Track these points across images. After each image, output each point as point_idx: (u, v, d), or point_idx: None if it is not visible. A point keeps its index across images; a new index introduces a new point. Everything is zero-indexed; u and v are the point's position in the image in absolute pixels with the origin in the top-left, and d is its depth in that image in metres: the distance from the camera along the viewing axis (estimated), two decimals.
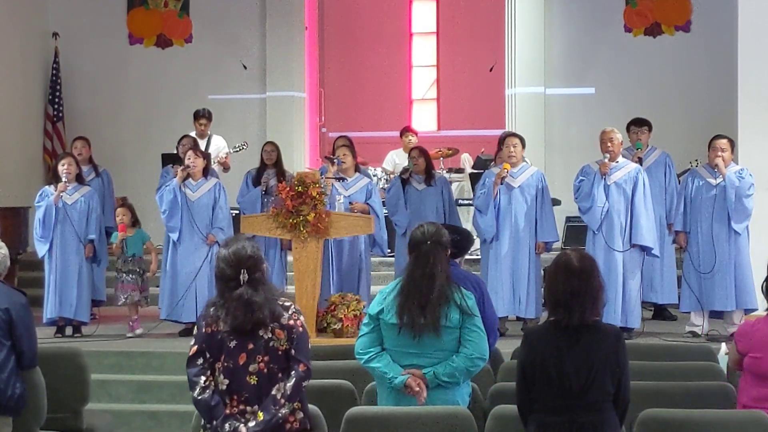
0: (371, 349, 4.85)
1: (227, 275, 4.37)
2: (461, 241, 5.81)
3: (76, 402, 5.81)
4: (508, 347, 6.32)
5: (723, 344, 7.03)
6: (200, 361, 4.36)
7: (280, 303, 4.40)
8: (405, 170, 9.74)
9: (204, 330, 4.38)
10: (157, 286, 9.26)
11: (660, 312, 9.51)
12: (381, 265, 10.99)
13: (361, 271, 9.11)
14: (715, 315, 8.44)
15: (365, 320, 4.95)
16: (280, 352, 4.34)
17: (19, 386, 5.12)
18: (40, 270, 9.24)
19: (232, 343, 4.32)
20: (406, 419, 4.61)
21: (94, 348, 8.09)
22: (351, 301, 8.38)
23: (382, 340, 4.86)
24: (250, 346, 4.32)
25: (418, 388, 4.72)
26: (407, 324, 4.72)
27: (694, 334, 8.39)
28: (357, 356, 4.93)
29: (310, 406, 4.54)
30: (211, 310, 4.39)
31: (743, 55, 9.28)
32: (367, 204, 9.05)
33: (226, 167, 10.59)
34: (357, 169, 9.56)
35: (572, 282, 4.25)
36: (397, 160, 12.08)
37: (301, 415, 4.39)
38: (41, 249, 8.87)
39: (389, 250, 10.86)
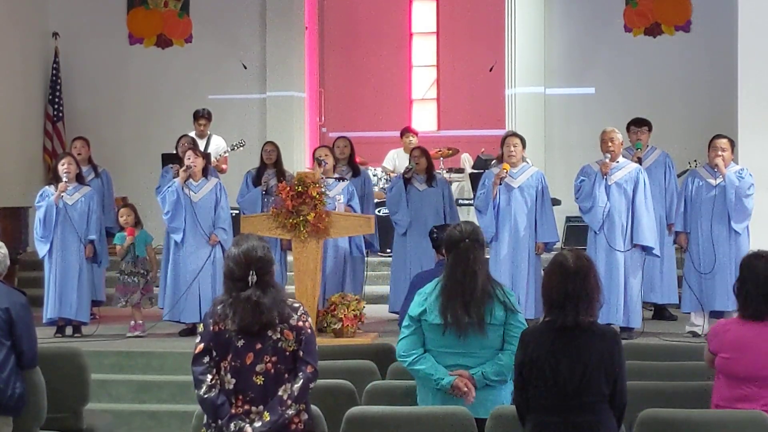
0: (414, 352, 4.83)
1: (236, 275, 4.36)
2: None
3: (76, 402, 5.82)
4: None
5: None
6: (206, 359, 4.35)
7: (289, 304, 4.39)
8: (408, 170, 9.75)
9: (211, 328, 4.36)
10: (158, 286, 9.25)
11: (660, 312, 9.51)
12: (381, 265, 10.99)
13: (345, 272, 9.08)
14: (716, 315, 8.43)
15: (405, 322, 4.92)
16: (287, 353, 4.33)
17: (19, 386, 5.12)
18: (40, 270, 9.24)
19: (240, 342, 4.31)
20: (406, 419, 4.61)
21: (94, 348, 8.09)
22: (351, 301, 8.38)
23: (424, 342, 4.85)
24: (258, 345, 4.31)
25: (466, 389, 4.72)
26: (452, 323, 4.72)
27: (694, 334, 8.39)
28: (399, 359, 4.91)
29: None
30: (219, 308, 4.37)
31: (743, 55, 9.27)
32: (349, 206, 9.01)
33: (221, 171, 10.56)
34: (355, 170, 9.53)
35: (567, 283, 4.25)
36: (397, 159, 12.08)
37: (305, 416, 4.39)
38: (42, 249, 8.86)
39: (389, 250, 10.86)
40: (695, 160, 9.65)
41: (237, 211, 10.02)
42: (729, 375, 4.87)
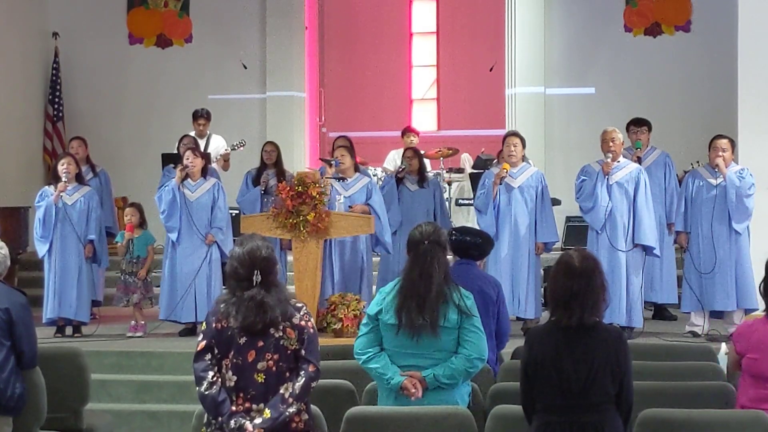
0: (370, 350, 4.84)
1: (240, 275, 4.36)
2: (482, 243, 5.85)
3: (76, 402, 5.81)
4: (508, 347, 6.32)
5: (723, 344, 7.03)
6: (208, 356, 4.36)
7: (292, 304, 4.40)
8: (401, 170, 9.74)
9: (213, 325, 4.37)
10: (157, 286, 9.26)
11: (660, 312, 9.52)
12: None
13: (362, 271, 9.09)
14: (716, 315, 8.45)
15: (364, 320, 4.94)
16: (289, 352, 4.33)
17: (19, 386, 5.12)
18: (40, 270, 9.24)
19: (242, 340, 4.32)
20: (406, 419, 4.61)
21: (94, 348, 8.08)
22: (351, 301, 8.38)
23: (381, 340, 4.85)
24: (260, 343, 4.31)
25: (414, 390, 4.72)
26: (406, 324, 4.72)
27: (694, 334, 8.39)
28: (355, 356, 4.93)
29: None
30: (222, 306, 4.38)
31: (743, 55, 9.27)
32: (368, 204, 9.02)
33: (226, 164, 10.58)
34: (357, 169, 9.55)
35: (572, 282, 4.25)
36: (397, 159, 12.06)
37: (306, 416, 4.39)
38: (41, 249, 8.86)
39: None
40: (698, 161, 9.65)
41: (237, 211, 10.02)
42: (756, 375, 4.86)
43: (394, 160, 12.15)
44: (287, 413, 4.28)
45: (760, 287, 5.01)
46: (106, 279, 9.87)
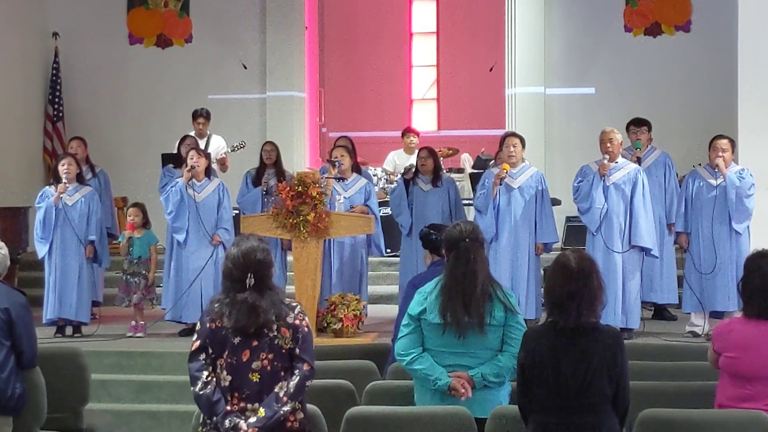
0: (413, 351, 4.82)
1: (234, 276, 4.37)
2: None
3: (76, 402, 5.82)
4: None
5: None
6: (202, 356, 4.36)
7: (286, 303, 4.40)
8: (407, 170, 9.71)
9: (208, 325, 4.37)
10: (159, 287, 9.25)
11: (660, 312, 9.51)
12: (381, 265, 10.99)
13: (362, 272, 9.09)
14: (716, 315, 8.43)
15: (405, 321, 4.90)
16: (284, 351, 4.34)
17: (19, 386, 5.12)
18: (40, 270, 9.23)
19: (237, 339, 4.32)
20: (406, 419, 4.61)
21: (94, 348, 8.09)
22: (351, 301, 8.38)
23: (423, 341, 4.84)
24: (255, 343, 4.32)
25: (463, 390, 4.71)
26: (451, 323, 4.71)
27: (694, 334, 8.39)
28: (398, 358, 4.90)
29: (309, 406, 4.54)
30: (216, 306, 4.39)
31: (743, 55, 9.26)
32: (366, 205, 9.02)
33: (224, 167, 10.58)
34: (357, 170, 9.55)
35: (569, 283, 4.25)
36: (397, 160, 12.07)
37: (301, 415, 4.40)
38: (41, 250, 8.85)
39: (389, 250, 10.86)
40: (699, 164, 9.65)
41: (237, 212, 10.02)
42: (734, 374, 4.87)
43: (393, 161, 12.16)
44: (282, 412, 4.29)
45: (738, 286, 5.01)
46: (107, 279, 9.87)
